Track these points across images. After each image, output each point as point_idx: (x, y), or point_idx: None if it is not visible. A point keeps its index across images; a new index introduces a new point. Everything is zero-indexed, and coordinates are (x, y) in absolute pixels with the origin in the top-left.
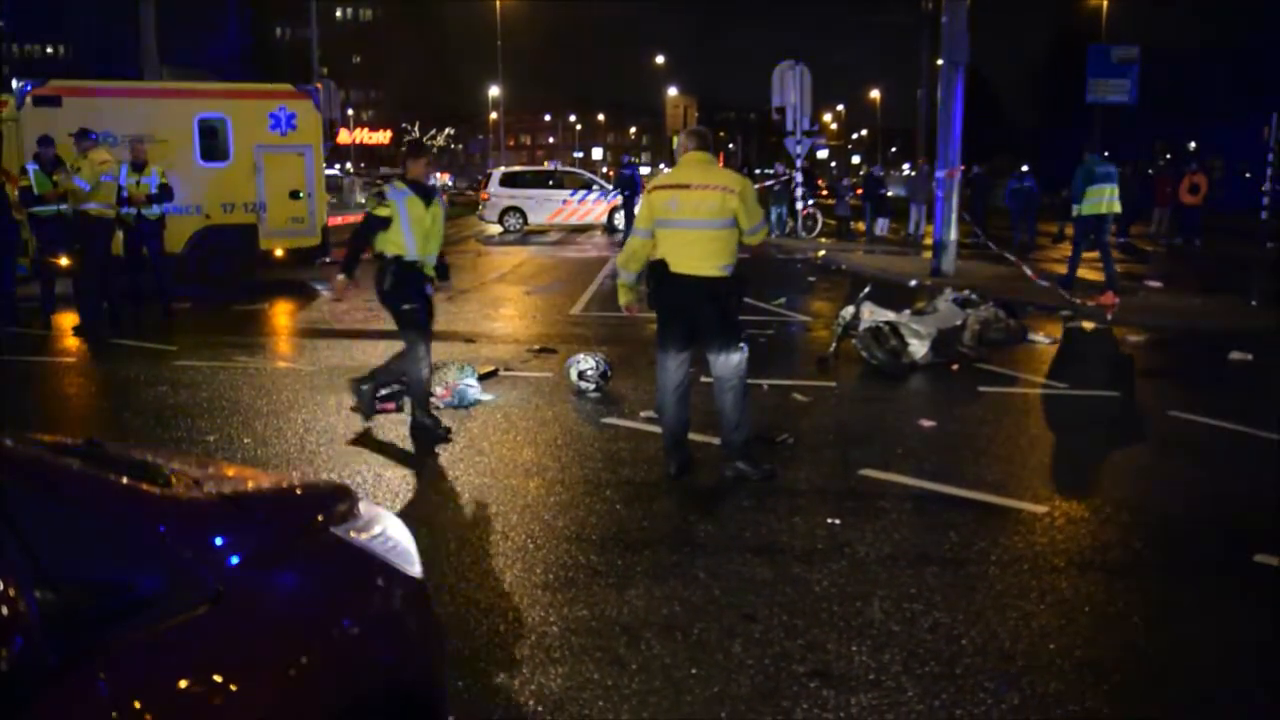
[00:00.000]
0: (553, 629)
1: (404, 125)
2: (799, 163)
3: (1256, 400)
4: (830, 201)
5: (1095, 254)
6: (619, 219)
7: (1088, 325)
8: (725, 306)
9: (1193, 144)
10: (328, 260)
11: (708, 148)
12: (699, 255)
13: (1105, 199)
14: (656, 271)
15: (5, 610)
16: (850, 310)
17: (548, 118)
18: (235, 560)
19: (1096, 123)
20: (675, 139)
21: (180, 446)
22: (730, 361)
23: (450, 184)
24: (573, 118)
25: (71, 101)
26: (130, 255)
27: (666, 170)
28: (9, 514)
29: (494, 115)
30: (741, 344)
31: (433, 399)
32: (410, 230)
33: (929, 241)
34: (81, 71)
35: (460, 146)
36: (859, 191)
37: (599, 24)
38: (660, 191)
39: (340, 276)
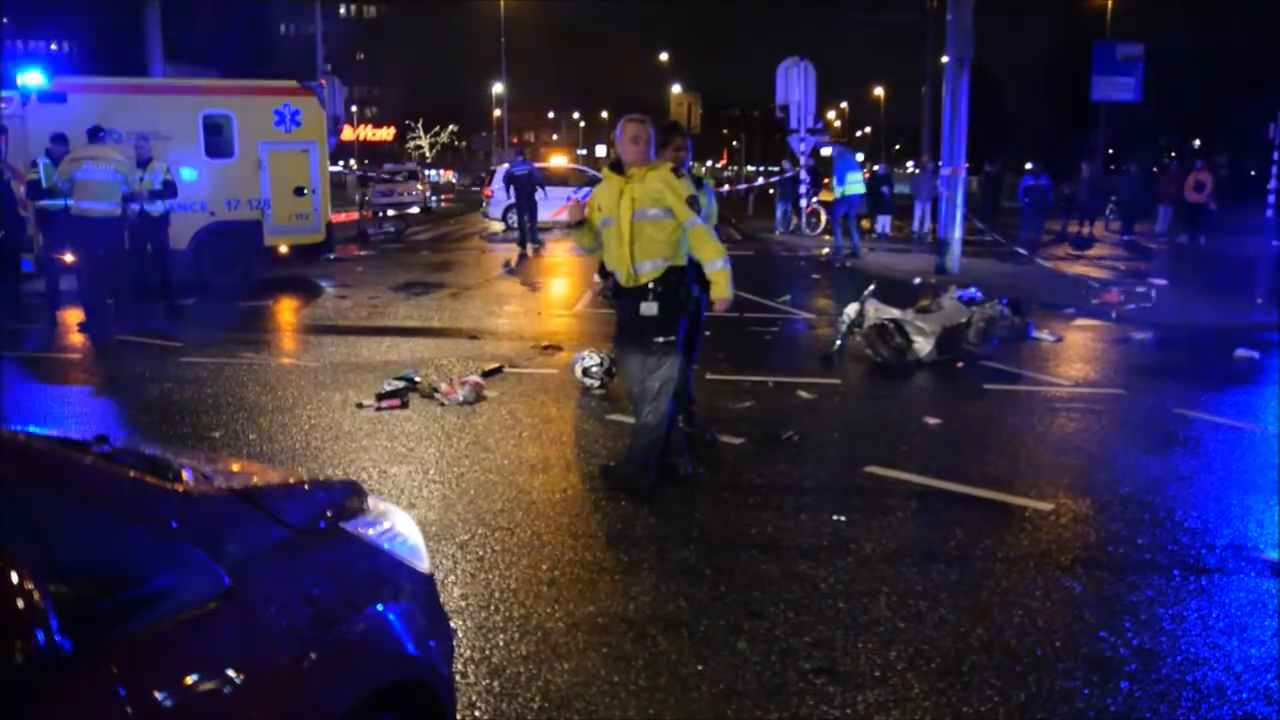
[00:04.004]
0: (558, 625)
1: (407, 122)
2: (803, 160)
3: (1262, 398)
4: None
5: (1095, 251)
6: None
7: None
8: None
9: (1198, 141)
10: (332, 257)
11: None
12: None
13: (859, 183)
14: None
15: (20, 604)
16: (855, 307)
17: (551, 115)
18: (246, 555)
19: (1101, 120)
20: (631, 128)
21: (186, 443)
22: None
23: (454, 180)
24: (576, 115)
25: (77, 98)
26: (135, 252)
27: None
28: (22, 508)
29: (497, 112)
30: None
31: (437, 395)
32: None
33: (934, 239)
34: (87, 68)
35: (464, 143)
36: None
37: (603, 21)
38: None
39: None
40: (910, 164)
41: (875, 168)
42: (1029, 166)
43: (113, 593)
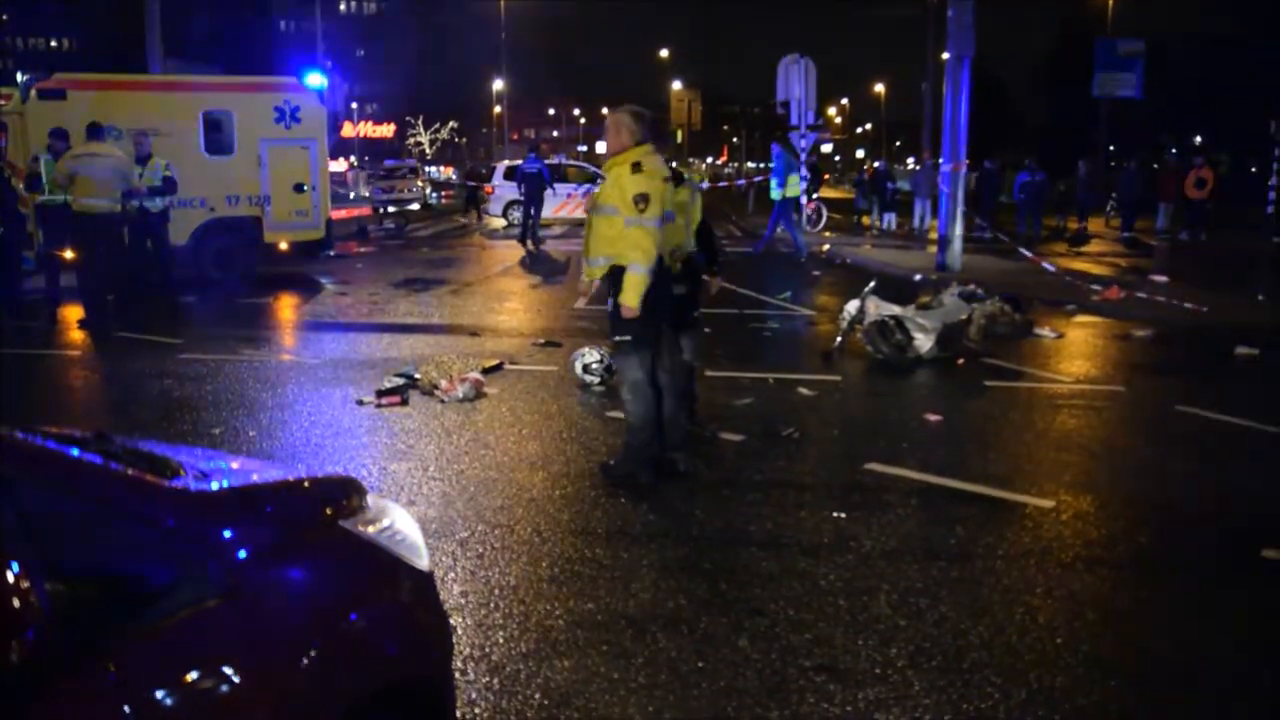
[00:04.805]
0: (559, 622)
1: (407, 118)
2: (804, 157)
3: (1263, 395)
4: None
5: (1094, 248)
6: None
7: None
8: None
9: (1199, 138)
10: (331, 253)
11: None
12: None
13: (798, 185)
14: (662, 272)
15: (17, 603)
16: (855, 304)
17: (551, 111)
18: (245, 553)
19: (1102, 116)
20: (624, 117)
21: (186, 439)
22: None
23: (453, 177)
24: (576, 111)
25: (76, 95)
26: (135, 248)
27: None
28: (19, 507)
29: (498, 109)
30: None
31: (438, 391)
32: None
33: (934, 236)
34: (87, 65)
35: (464, 140)
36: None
37: (603, 17)
38: (668, 184)
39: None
40: (911, 160)
41: (876, 164)
42: (1027, 163)
43: (111, 591)
